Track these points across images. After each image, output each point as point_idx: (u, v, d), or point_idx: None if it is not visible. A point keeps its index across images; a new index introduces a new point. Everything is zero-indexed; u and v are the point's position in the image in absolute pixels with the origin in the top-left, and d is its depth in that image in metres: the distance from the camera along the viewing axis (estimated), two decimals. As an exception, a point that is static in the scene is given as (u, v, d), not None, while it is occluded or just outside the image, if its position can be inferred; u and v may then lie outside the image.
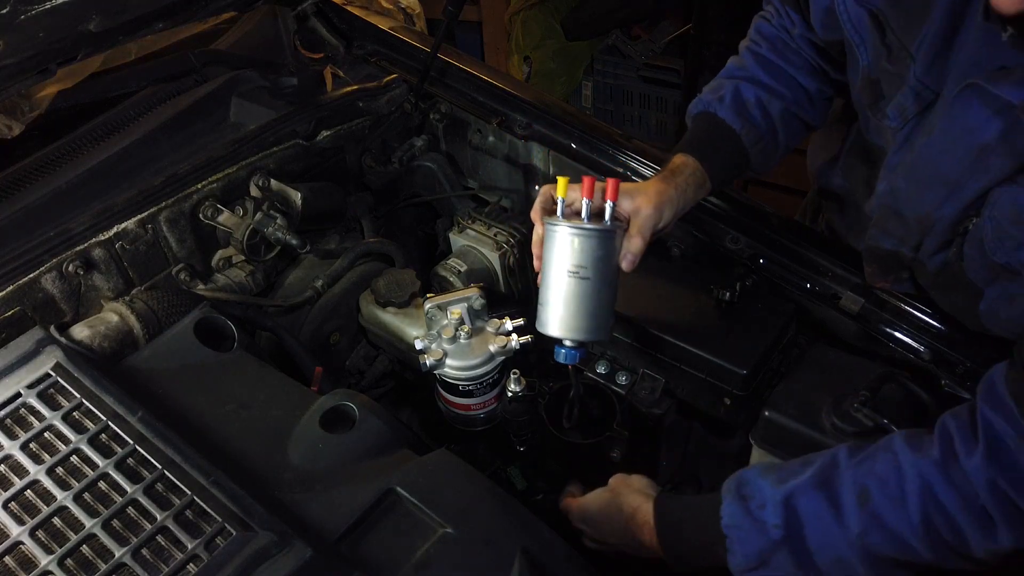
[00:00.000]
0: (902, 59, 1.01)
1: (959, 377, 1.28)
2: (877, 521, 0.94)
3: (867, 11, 1.05)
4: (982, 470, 0.87)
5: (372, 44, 1.90)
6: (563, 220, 1.10)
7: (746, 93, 1.30)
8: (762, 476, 1.05)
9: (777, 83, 1.31)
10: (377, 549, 0.98)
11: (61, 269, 1.30)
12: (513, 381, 1.31)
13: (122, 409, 1.04)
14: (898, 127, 1.06)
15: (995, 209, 0.95)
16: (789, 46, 1.31)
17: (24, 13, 1.24)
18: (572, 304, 1.12)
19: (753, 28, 1.36)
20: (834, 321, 1.41)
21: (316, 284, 1.55)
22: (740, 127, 1.28)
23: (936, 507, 0.90)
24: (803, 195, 2.19)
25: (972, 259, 1.01)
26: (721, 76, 1.36)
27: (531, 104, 1.73)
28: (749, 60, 1.33)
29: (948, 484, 0.90)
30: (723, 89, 1.31)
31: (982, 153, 0.93)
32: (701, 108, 1.32)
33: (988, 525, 0.88)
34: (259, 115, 1.70)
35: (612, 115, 3.72)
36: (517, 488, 1.46)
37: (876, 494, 0.94)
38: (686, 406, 1.43)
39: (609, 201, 1.11)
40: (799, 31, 1.28)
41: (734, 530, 1.03)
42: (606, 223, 1.11)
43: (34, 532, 0.93)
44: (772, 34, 1.33)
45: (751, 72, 1.31)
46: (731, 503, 1.04)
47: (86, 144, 1.61)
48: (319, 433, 1.11)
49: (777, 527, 0.99)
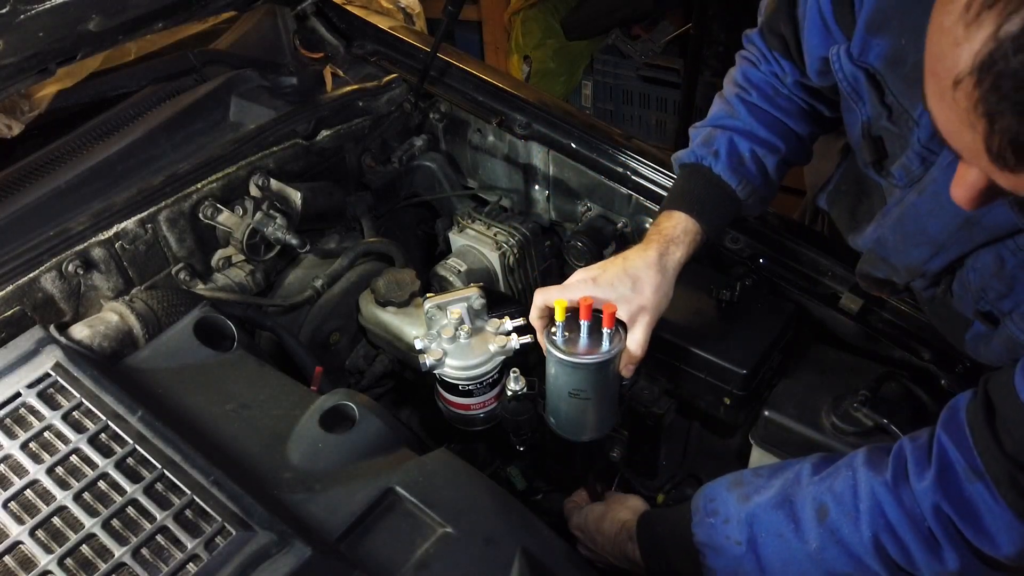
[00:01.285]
0: (904, 121, 0.96)
1: (959, 377, 1.28)
2: (833, 537, 0.96)
3: (864, 71, 0.99)
4: (929, 494, 0.88)
5: (372, 44, 1.90)
6: (562, 348, 1.13)
7: (741, 147, 1.24)
8: (729, 490, 1.07)
9: (771, 135, 1.25)
10: (377, 549, 0.98)
11: (61, 269, 1.30)
12: (513, 381, 1.31)
13: (122, 409, 1.04)
14: (904, 186, 1.02)
15: (978, 262, 0.95)
16: (780, 92, 1.25)
17: (24, 12, 1.24)
18: (574, 417, 1.21)
19: (739, 73, 1.29)
20: (834, 321, 1.41)
21: (316, 284, 1.55)
22: (736, 183, 1.24)
23: (885, 526, 0.92)
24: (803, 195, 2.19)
25: (960, 297, 1.01)
26: (710, 124, 1.29)
27: (531, 104, 1.73)
28: (741, 110, 1.25)
29: (897, 505, 0.91)
30: (716, 142, 1.25)
31: (967, 224, 0.92)
32: (693, 160, 1.26)
33: (935, 547, 0.90)
34: (259, 115, 1.70)
35: (612, 115, 3.72)
36: (517, 488, 1.46)
37: (833, 510, 0.96)
38: (686, 406, 1.43)
39: (606, 329, 1.12)
40: (791, 79, 1.22)
41: (704, 547, 1.06)
42: (604, 350, 1.13)
43: (34, 532, 0.93)
44: (761, 80, 1.26)
45: (744, 124, 1.25)
46: (700, 521, 1.08)
47: (86, 144, 1.61)
48: (319, 433, 1.11)
49: (739, 544, 1.02)
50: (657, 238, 1.20)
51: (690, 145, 1.30)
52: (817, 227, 1.75)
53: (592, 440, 1.27)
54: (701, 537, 1.06)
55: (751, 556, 1.01)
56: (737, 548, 1.02)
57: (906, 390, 1.24)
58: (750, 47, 1.28)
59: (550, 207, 1.78)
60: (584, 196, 1.70)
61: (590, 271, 1.17)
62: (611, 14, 3.49)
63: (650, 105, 3.61)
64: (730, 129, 1.25)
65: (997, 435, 0.84)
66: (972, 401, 0.90)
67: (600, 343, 1.13)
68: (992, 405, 0.86)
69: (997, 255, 0.92)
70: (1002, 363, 0.96)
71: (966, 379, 1.27)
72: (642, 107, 3.64)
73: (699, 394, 1.38)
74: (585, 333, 1.13)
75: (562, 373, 1.16)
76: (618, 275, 1.15)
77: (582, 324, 1.12)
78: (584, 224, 1.70)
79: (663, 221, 1.23)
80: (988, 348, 1.01)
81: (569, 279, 1.19)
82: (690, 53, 3.21)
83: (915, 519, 0.90)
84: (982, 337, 1.02)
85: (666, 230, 1.21)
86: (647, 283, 1.15)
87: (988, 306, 0.96)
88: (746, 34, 1.29)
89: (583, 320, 1.12)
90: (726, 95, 1.29)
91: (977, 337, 1.04)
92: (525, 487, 1.46)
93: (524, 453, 1.40)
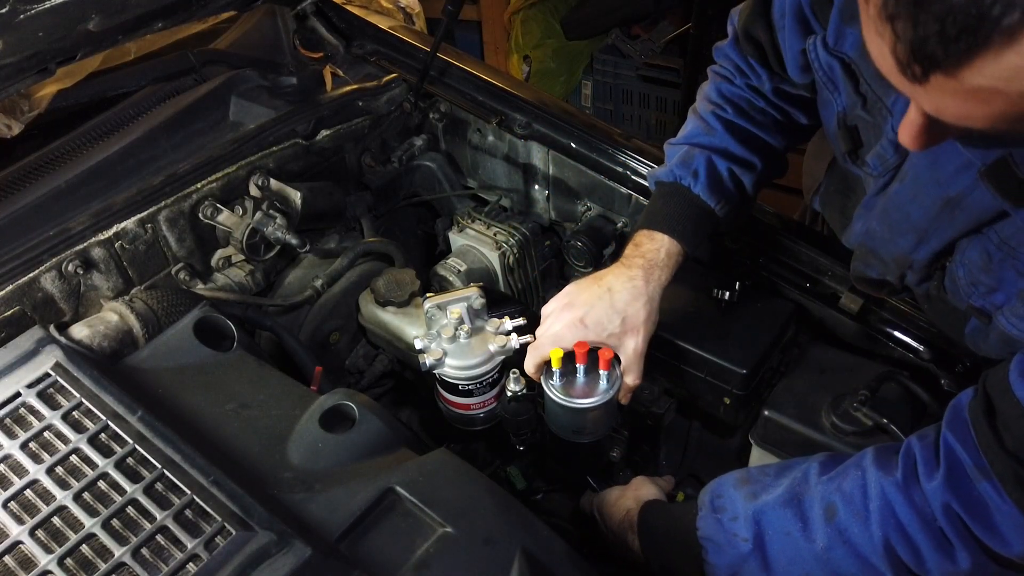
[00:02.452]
0: (878, 110, 0.97)
1: (959, 376, 1.28)
2: (841, 537, 0.95)
3: (839, 60, 1.00)
4: (939, 493, 0.88)
5: (371, 43, 1.90)
6: (560, 391, 1.19)
7: (719, 167, 1.25)
8: (736, 488, 1.07)
9: (749, 152, 1.26)
10: (376, 549, 0.98)
11: (61, 268, 1.30)
12: (513, 380, 1.31)
13: (122, 409, 1.04)
14: (879, 175, 1.03)
15: (965, 256, 0.95)
16: (755, 106, 1.26)
17: (23, 12, 1.24)
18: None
19: (712, 89, 1.28)
20: (834, 321, 1.41)
21: (316, 284, 1.55)
22: (715, 203, 1.25)
23: (896, 526, 0.92)
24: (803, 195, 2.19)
25: (954, 292, 1.01)
26: (686, 142, 1.28)
27: (531, 103, 1.73)
28: (717, 127, 1.25)
29: (908, 505, 0.91)
30: (694, 162, 1.25)
31: (947, 206, 0.92)
32: (671, 179, 1.27)
33: (947, 547, 0.89)
34: (258, 114, 1.70)
35: (611, 114, 3.72)
36: (517, 488, 1.46)
37: (842, 510, 0.96)
38: (686, 406, 1.43)
39: (603, 371, 1.18)
40: (768, 86, 1.22)
41: (708, 541, 1.06)
42: (601, 390, 1.19)
43: (34, 532, 0.93)
44: (736, 95, 1.26)
45: (721, 142, 1.25)
46: (706, 516, 1.07)
47: (85, 143, 1.61)
48: (319, 433, 1.11)
49: (746, 540, 1.02)
50: (641, 262, 1.22)
51: (666, 163, 1.31)
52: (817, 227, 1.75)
53: (592, 441, 1.27)
54: (705, 532, 1.06)
55: (757, 554, 1.01)
56: (744, 545, 1.01)
57: (906, 390, 1.24)
58: (723, 61, 1.28)
59: (550, 207, 1.78)
60: (584, 196, 1.70)
61: (575, 307, 1.20)
62: (611, 14, 3.49)
63: (650, 105, 3.61)
64: (708, 148, 1.26)
65: (998, 433, 0.84)
66: (973, 399, 0.90)
67: (597, 382, 1.19)
68: (991, 402, 0.86)
69: (983, 250, 0.92)
70: (1001, 357, 0.96)
71: (966, 379, 1.27)
72: (642, 107, 3.64)
73: (699, 394, 1.38)
74: (582, 378, 1.19)
75: (560, 415, 1.22)
76: (606, 313, 1.18)
77: (578, 367, 1.19)
78: (584, 224, 1.70)
79: (645, 242, 1.24)
80: (987, 343, 1.02)
81: (552, 316, 1.22)
82: (690, 53, 3.21)
83: (926, 519, 0.90)
84: (979, 331, 1.02)
85: (649, 253, 1.22)
86: (636, 316, 1.19)
87: (980, 301, 0.96)
88: (717, 47, 1.29)
89: (580, 364, 1.18)
90: (700, 112, 1.29)
91: (975, 331, 1.04)
92: (525, 487, 1.46)
93: (524, 453, 1.40)
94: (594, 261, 1.68)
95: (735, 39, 1.24)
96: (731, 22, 1.25)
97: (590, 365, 1.18)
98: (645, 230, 1.25)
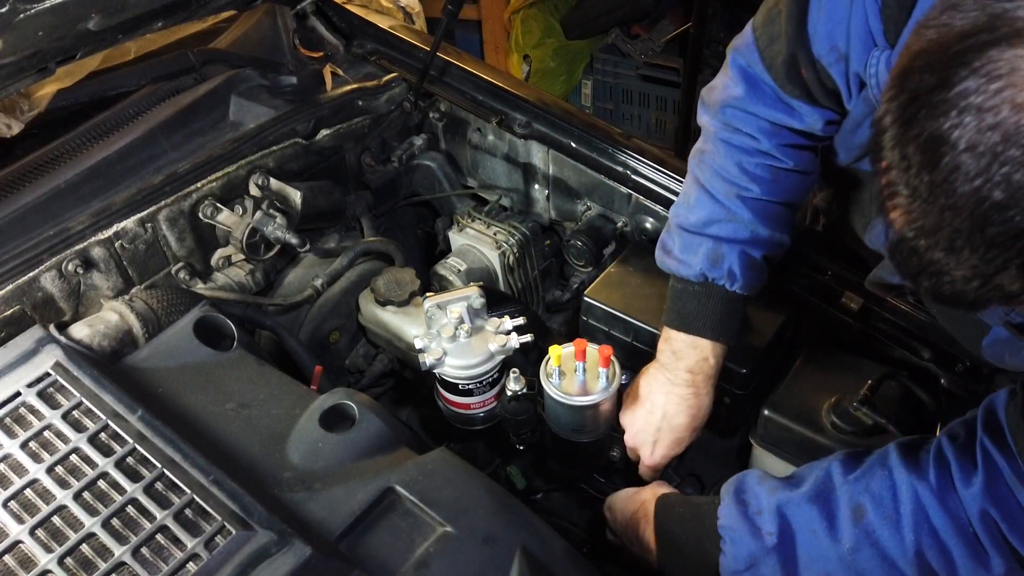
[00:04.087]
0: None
1: (959, 376, 1.28)
2: (870, 539, 0.95)
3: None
4: (978, 499, 0.87)
5: (371, 43, 1.90)
6: (560, 389, 1.20)
7: (754, 255, 1.20)
8: (760, 483, 1.07)
9: (779, 231, 1.20)
10: (376, 548, 0.98)
11: (60, 268, 1.30)
12: (513, 380, 1.31)
13: (122, 408, 1.04)
14: None
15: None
16: (780, 171, 1.17)
17: (23, 12, 1.24)
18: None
19: (730, 163, 1.17)
20: (834, 321, 1.41)
21: (315, 283, 1.55)
22: (753, 291, 1.22)
23: (929, 531, 0.91)
24: (803, 194, 2.18)
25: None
26: (704, 232, 1.19)
27: (531, 103, 1.73)
28: (743, 213, 1.17)
29: (943, 510, 0.90)
30: (726, 261, 1.18)
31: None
32: (703, 279, 1.20)
33: (981, 554, 0.88)
34: (258, 114, 1.69)
35: (611, 114, 3.71)
36: (517, 487, 1.46)
37: (871, 512, 0.95)
38: (686, 405, 1.43)
39: (602, 369, 1.20)
40: (820, 124, 1.12)
41: (728, 531, 1.05)
42: (601, 387, 1.20)
43: (34, 531, 0.93)
44: (762, 166, 1.16)
45: (750, 232, 1.18)
46: (729, 505, 1.07)
47: (85, 143, 1.61)
48: (319, 432, 1.11)
49: (771, 534, 1.01)
50: (687, 378, 1.23)
51: (680, 253, 1.22)
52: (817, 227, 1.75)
53: (592, 440, 1.27)
54: (726, 521, 1.05)
55: (780, 548, 1.00)
56: (769, 539, 1.01)
57: (906, 390, 1.24)
58: (739, 123, 1.15)
59: (550, 206, 1.78)
60: (584, 195, 1.70)
61: (636, 439, 1.29)
62: (611, 13, 3.49)
63: (650, 104, 3.60)
64: (738, 242, 1.18)
65: None
66: (1010, 403, 0.89)
67: (596, 379, 1.21)
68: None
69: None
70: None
71: (966, 378, 1.27)
72: (642, 106, 3.63)
73: (699, 393, 1.37)
74: (581, 375, 1.21)
75: (560, 414, 1.23)
76: (671, 445, 1.28)
77: (578, 365, 1.20)
78: (584, 223, 1.70)
79: (688, 352, 1.22)
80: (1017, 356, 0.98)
81: (648, 448, 1.29)
82: (690, 52, 3.20)
83: (961, 525, 0.89)
84: (1006, 344, 1.00)
85: (697, 367, 1.22)
86: (690, 436, 1.28)
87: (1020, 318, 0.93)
88: (728, 105, 1.16)
89: (579, 362, 1.19)
90: (714, 192, 1.19)
91: (998, 344, 1.02)
92: (525, 486, 1.47)
93: (524, 452, 1.40)
94: (594, 261, 1.67)
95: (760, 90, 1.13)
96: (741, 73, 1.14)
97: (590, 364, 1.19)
98: (683, 334, 1.21)
